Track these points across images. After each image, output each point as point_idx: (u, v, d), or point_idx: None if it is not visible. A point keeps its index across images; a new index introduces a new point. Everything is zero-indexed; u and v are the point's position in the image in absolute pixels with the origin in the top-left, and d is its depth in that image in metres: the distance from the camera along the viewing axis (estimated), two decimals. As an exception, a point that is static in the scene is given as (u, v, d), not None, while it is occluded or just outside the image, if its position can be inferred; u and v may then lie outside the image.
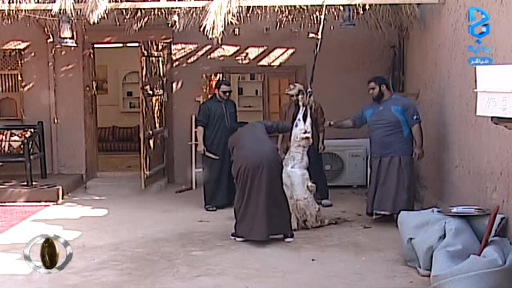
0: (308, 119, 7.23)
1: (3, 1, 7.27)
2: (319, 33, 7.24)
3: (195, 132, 8.62)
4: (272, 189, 6.32)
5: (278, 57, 9.89)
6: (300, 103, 7.42)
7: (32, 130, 9.47)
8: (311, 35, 7.41)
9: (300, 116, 7.25)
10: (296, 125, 7.15)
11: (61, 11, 7.20)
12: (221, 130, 8.01)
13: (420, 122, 6.91)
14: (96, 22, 7.08)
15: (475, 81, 4.14)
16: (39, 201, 8.49)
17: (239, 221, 6.44)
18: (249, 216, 6.30)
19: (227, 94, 8.13)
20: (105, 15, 7.14)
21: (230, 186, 7.85)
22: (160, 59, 9.65)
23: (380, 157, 7.02)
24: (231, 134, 7.23)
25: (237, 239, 6.42)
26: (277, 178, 6.43)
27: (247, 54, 9.88)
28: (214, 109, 8.06)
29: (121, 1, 7.31)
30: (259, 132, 6.71)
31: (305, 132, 7.10)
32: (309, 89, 7.55)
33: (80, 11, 7.17)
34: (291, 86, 7.96)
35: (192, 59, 9.92)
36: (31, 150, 9.21)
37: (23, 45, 9.89)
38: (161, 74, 9.71)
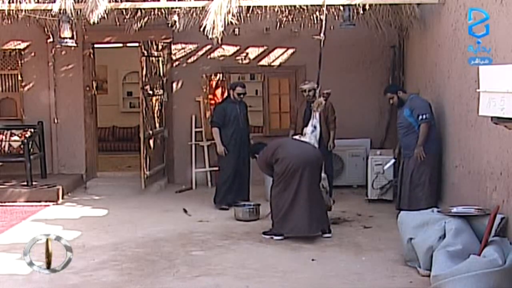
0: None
1: (3, 1, 7.26)
2: (322, 34, 7.24)
3: (210, 133, 8.47)
4: (311, 187, 6.44)
5: (278, 57, 9.89)
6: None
7: (32, 130, 9.47)
8: (316, 37, 7.40)
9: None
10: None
11: (61, 11, 7.20)
12: (236, 130, 8.10)
13: (428, 121, 6.84)
14: (96, 22, 7.08)
15: (476, 81, 4.13)
16: (39, 201, 8.49)
17: (283, 218, 6.44)
18: (295, 213, 6.38)
19: (242, 96, 8.18)
20: (105, 15, 7.14)
21: (239, 188, 8.02)
22: (160, 59, 9.65)
23: (404, 158, 7.19)
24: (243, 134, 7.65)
25: (275, 237, 6.45)
26: (316, 176, 6.55)
27: (247, 54, 9.88)
28: (229, 110, 8.11)
29: (121, 1, 7.31)
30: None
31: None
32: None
33: (80, 11, 7.17)
34: (306, 82, 8.11)
35: (192, 59, 9.92)
36: (31, 150, 9.20)
37: (23, 45, 9.89)
38: (161, 74, 9.71)
